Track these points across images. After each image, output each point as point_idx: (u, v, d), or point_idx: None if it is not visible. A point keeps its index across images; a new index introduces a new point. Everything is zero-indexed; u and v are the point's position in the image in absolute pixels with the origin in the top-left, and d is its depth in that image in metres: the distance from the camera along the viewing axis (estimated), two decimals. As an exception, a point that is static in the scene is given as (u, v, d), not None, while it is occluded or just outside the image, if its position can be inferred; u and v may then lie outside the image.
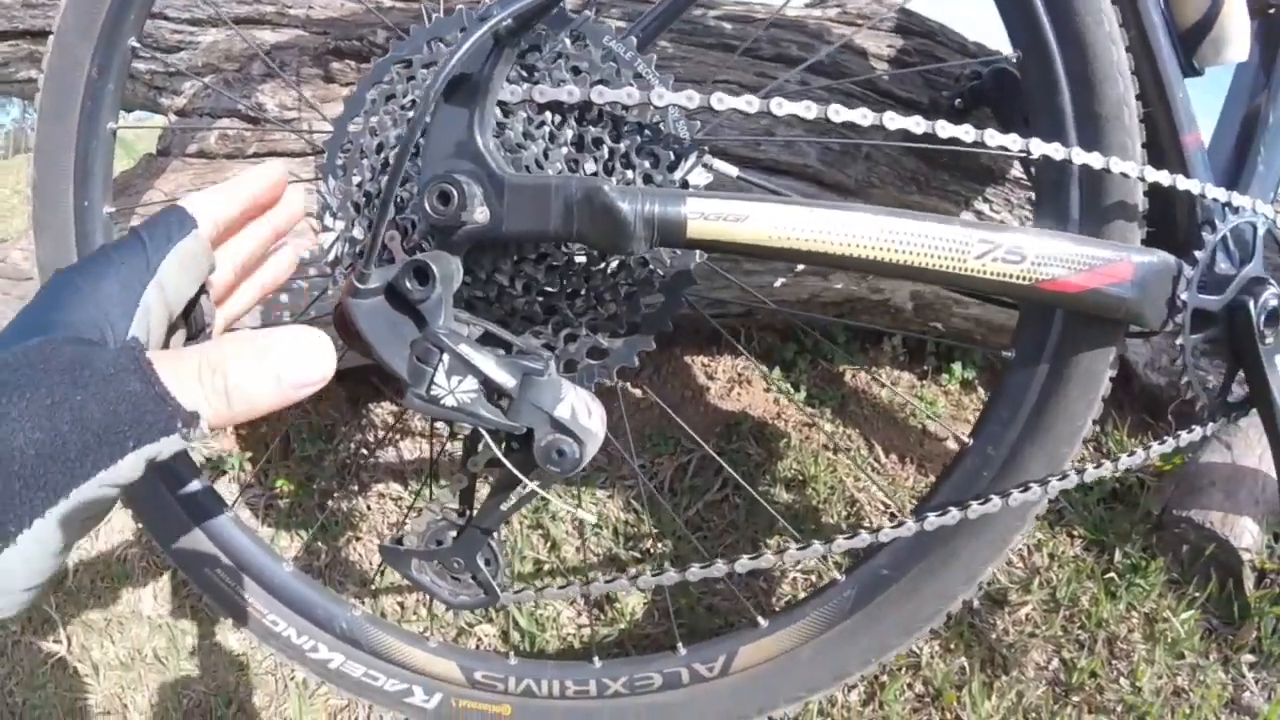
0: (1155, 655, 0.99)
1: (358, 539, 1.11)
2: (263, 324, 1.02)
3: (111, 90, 0.87)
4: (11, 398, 0.31)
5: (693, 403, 1.14)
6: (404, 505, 1.13)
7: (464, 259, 0.59)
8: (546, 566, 1.03)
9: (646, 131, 0.63)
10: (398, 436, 1.21)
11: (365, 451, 1.20)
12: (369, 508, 1.13)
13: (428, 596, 1.04)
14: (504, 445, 0.58)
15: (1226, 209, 0.79)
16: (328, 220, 0.69)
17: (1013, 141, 0.67)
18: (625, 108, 0.62)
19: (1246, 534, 1.03)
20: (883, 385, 1.18)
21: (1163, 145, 0.80)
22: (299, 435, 1.21)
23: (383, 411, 1.24)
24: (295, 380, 0.37)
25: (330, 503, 1.15)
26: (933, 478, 1.12)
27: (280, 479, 1.16)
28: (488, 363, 0.55)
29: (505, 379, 0.54)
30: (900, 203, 1.01)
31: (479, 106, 0.56)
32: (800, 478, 1.08)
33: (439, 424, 1.10)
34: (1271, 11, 0.90)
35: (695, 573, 0.76)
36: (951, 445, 1.16)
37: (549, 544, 1.05)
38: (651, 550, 1.03)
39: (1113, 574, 1.06)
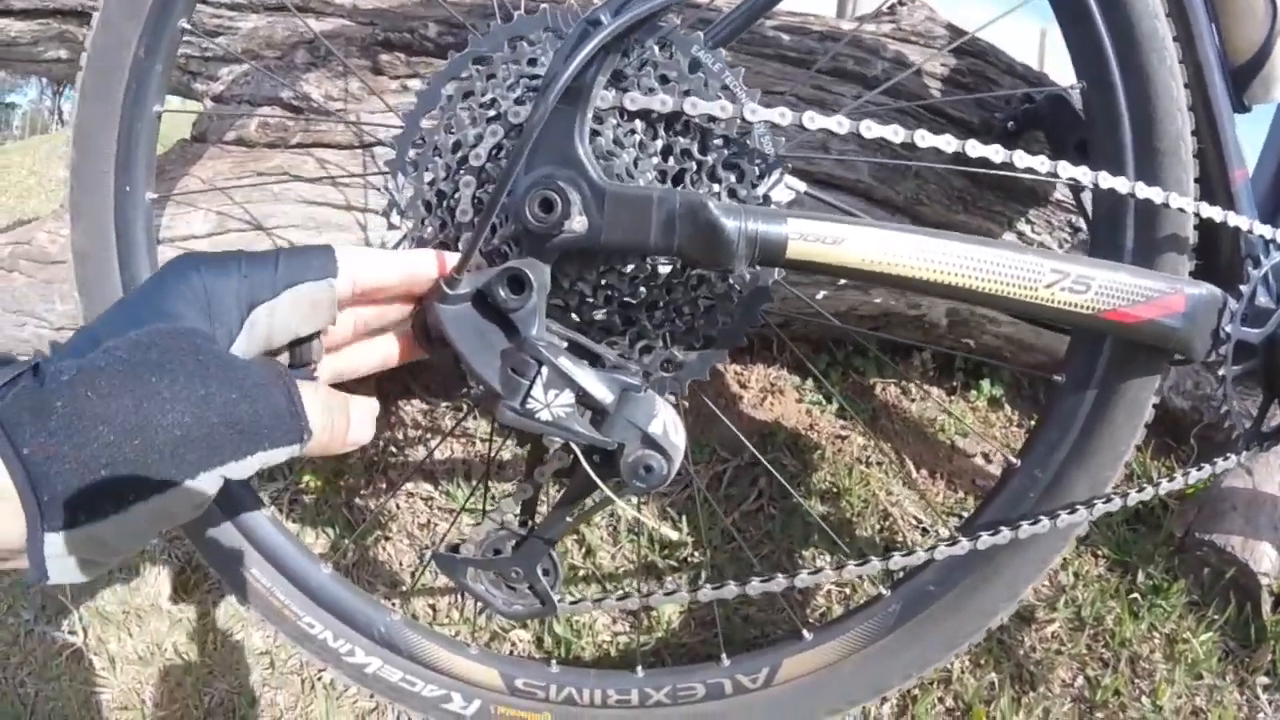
0: (1175, 675, 1.01)
1: (386, 538, 1.10)
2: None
3: (159, 72, 0.85)
4: (162, 378, 0.34)
5: (727, 411, 1.14)
6: (434, 505, 1.12)
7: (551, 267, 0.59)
8: (582, 572, 1.03)
9: (733, 145, 0.63)
10: (428, 435, 1.20)
11: (394, 449, 1.18)
12: (398, 507, 1.12)
13: (462, 600, 1.04)
14: (588, 459, 0.58)
15: (1270, 245, 0.80)
16: (394, 219, 0.68)
17: (1083, 174, 0.68)
18: (715, 120, 0.62)
19: (1266, 559, 1.05)
20: (913, 400, 1.19)
21: (1212, 180, 0.81)
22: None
23: (412, 409, 1.22)
24: (363, 439, 0.44)
25: (358, 500, 1.14)
26: (962, 493, 1.13)
27: (307, 475, 1.14)
28: (588, 377, 0.54)
29: (604, 394, 0.54)
30: (948, 221, 1.01)
31: (581, 112, 0.55)
32: (835, 490, 1.09)
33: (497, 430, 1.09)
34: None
35: (756, 586, 0.75)
36: (980, 462, 1.17)
37: (584, 549, 1.05)
38: (688, 559, 1.03)
39: (1136, 594, 1.07)
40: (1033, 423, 1.20)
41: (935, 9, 1.03)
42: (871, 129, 0.62)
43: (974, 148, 0.64)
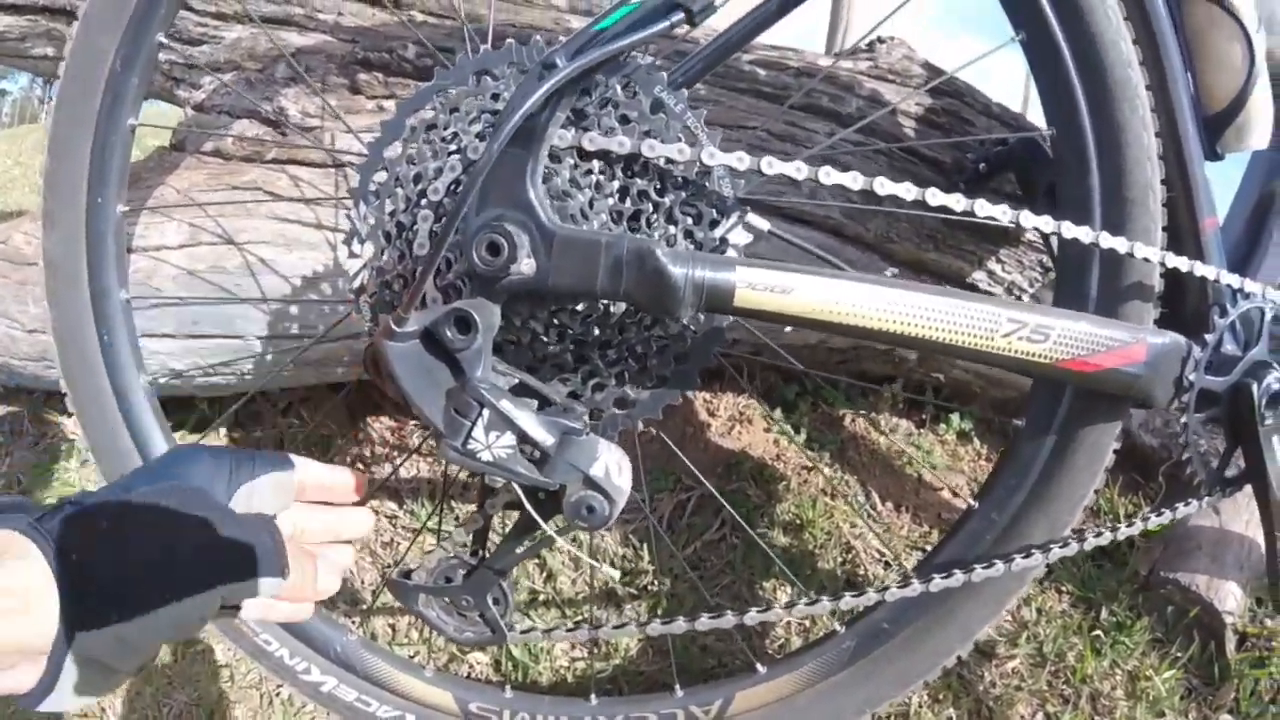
0: (1137, 713, 1.01)
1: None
2: (270, 348, 1.00)
3: (135, 85, 0.85)
4: (182, 516, 0.44)
5: (694, 439, 1.14)
6: (399, 525, 1.11)
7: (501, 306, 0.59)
8: (542, 597, 1.03)
9: (691, 187, 0.63)
10: (394, 453, 1.20)
11: (361, 466, 1.18)
12: (363, 523, 1.12)
13: (421, 621, 1.04)
14: (531, 497, 0.59)
15: (1238, 294, 0.81)
16: (355, 246, 0.68)
17: (1045, 223, 0.68)
18: (673, 163, 0.62)
19: (1230, 598, 1.06)
20: (881, 433, 1.19)
21: (1181, 228, 0.81)
22: (294, 445, 1.19)
23: (380, 427, 1.22)
24: (329, 590, 0.52)
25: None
26: (927, 527, 1.14)
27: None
28: (529, 420, 0.55)
29: (544, 437, 0.54)
30: (918, 259, 1.02)
31: (534, 155, 0.56)
32: (798, 522, 1.09)
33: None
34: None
35: (705, 623, 0.76)
36: (947, 495, 1.17)
37: (545, 574, 1.05)
38: (649, 587, 1.03)
39: (1099, 631, 1.08)
40: (992, 464, 1.20)
41: (913, 48, 1.04)
42: (830, 175, 0.62)
43: (934, 196, 0.64)
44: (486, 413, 0.54)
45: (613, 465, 0.57)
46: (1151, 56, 0.77)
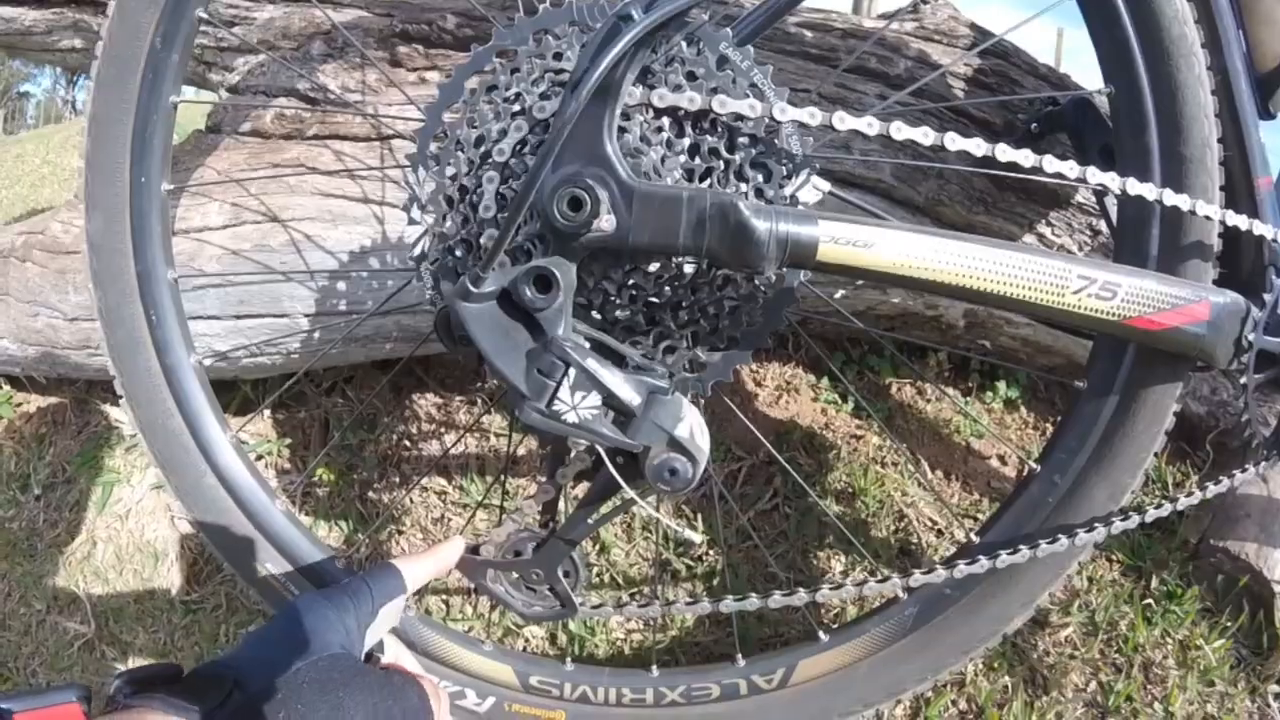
0: (1188, 682, 1.00)
1: (400, 532, 1.10)
2: (317, 326, 1.00)
3: (175, 62, 0.84)
4: (343, 692, 0.48)
5: (743, 409, 1.13)
6: (448, 500, 1.11)
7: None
8: (596, 570, 1.03)
9: (761, 144, 0.62)
10: (442, 430, 1.20)
11: (408, 443, 1.18)
12: (411, 501, 1.11)
13: (476, 595, 1.04)
14: (613, 460, 0.58)
15: None
16: (415, 213, 0.67)
17: (1110, 179, 0.67)
18: (742, 119, 0.61)
19: (1279, 566, 1.05)
20: (929, 400, 1.18)
21: (1236, 188, 0.80)
22: (339, 423, 1.19)
23: (426, 403, 1.22)
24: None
25: (371, 494, 1.13)
26: (977, 495, 1.13)
27: (320, 467, 1.14)
28: (615, 379, 0.54)
29: (631, 396, 0.53)
30: (968, 222, 1.00)
31: (610, 110, 0.55)
32: (850, 490, 1.08)
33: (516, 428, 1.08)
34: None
35: (778, 599, 0.75)
36: (995, 464, 1.16)
37: (598, 547, 1.04)
38: (703, 557, 1.03)
39: (1150, 600, 1.07)
40: (1050, 427, 1.19)
41: (958, 8, 1.02)
42: (902, 130, 0.61)
43: (1004, 152, 0.63)
44: (572, 372, 0.53)
45: (695, 426, 0.56)
46: (1204, 14, 0.76)
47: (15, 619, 1.13)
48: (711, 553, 1.03)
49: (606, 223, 0.54)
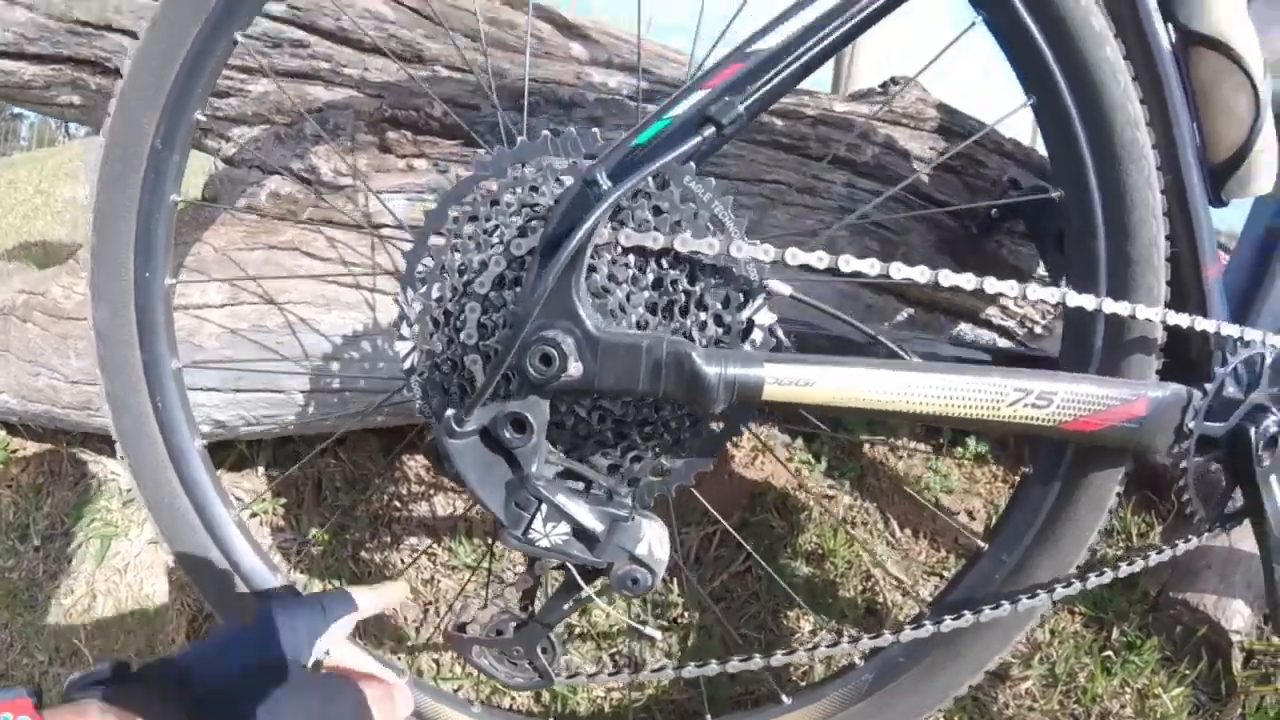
0: (1156, 732, 1.06)
1: (391, 590, 1.15)
2: (312, 401, 1.05)
3: (176, 161, 0.88)
4: (283, 692, 0.54)
5: (718, 472, 1.18)
6: (438, 561, 1.16)
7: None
8: (577, 630, 1.08)
9: (719, 274, 0.67)
10: (431, 491, 1.25)
11: (398, 504, 1.23)
12: (402, 561, 1.17)
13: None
14: (581, 570, 0.63)
15: (1238, 341, 0.83)
16: (404, 330, 0.72)
17: (1050, 294, 0.72)
18: (701, 255, 0.66)
19: (1238, 616, 1.10)
20: (899, 458, 1.23)
21: (1184, 278, 0.82)
22: (331, 484, 1.24)
23: (416, 465, 1.27)
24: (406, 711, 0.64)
25: (363, 554, 1.18)
26: (944, 552, 1.18)
27: (314, 528, 1.19)
28: (582, 512, 0.59)
29: (595, 525, 0.59)
30: (930, 299, 1.05)
31: (578, 268, 0.60)
32: (819, 551, 1.14)
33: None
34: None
35: (735, 665, 0.80)
36: (964, 519, 1.21)
37: (580, 610, 1.09)
38: (679, 619, 1.08)
39: (1109, 651, 1.12)
40: (1008, 487, 1.24)
41: (926, 89, 1.06)
42: (849, 263, 0.66)
43: (946, 277, 0.68)
44: (545, 506, 0.58)
45: (655, 541, 0.61)
46: (1157, 107, 0.78)
47: (18, 669, 1.18)
48: (686, 614, 1.08)
49: (574, 369, 0.59)
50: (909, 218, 1.02)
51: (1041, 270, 1.09)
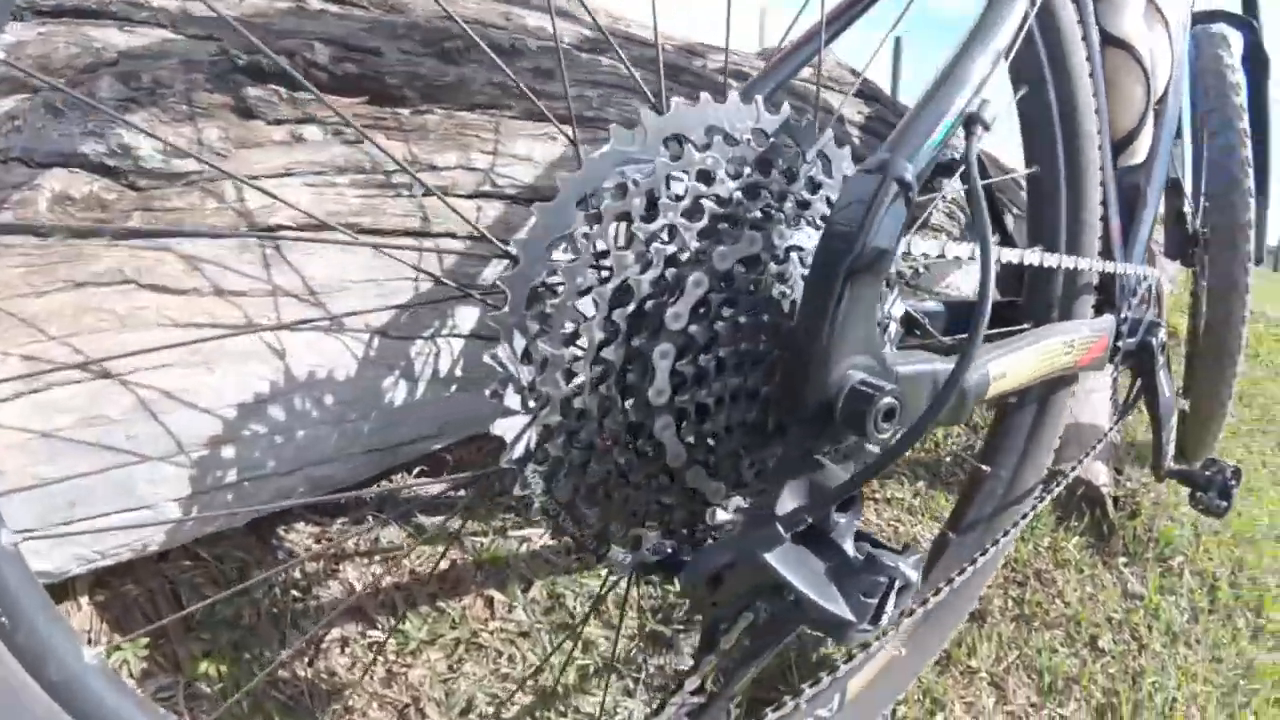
0: (1068, 575, 1.25)
1: (349, 711, 0.86)
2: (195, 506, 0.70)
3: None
4: None
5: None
6: (388, 651, 0.90)
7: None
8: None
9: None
10: (335, 565, 0.95)
11: (298, 593, 0.92)
12: (336, 668, 0.88)
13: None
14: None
15: (1137, 277, 0.99)
16: (510, 398, 0.49)
17: (1029, 256, 0.78)
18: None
19: (1101, 473, 1.34)
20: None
21: (1106, 232, 0.96)
22: (195, 592, 0.88)
23: (299, 537, 0.96)
24: None
25: (283, 673, 0.87)
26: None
27: (194, 657, 0.84)
28: (915, 572, 0.47)
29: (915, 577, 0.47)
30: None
31: (881, 287, 0.45)
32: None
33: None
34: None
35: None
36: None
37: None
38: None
39: (1019, 524, 1.29)
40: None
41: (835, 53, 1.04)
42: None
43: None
44: (897, 580, 0.45)
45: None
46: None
47: None
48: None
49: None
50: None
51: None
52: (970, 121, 0.49)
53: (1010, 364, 0.64)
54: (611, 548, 0.52)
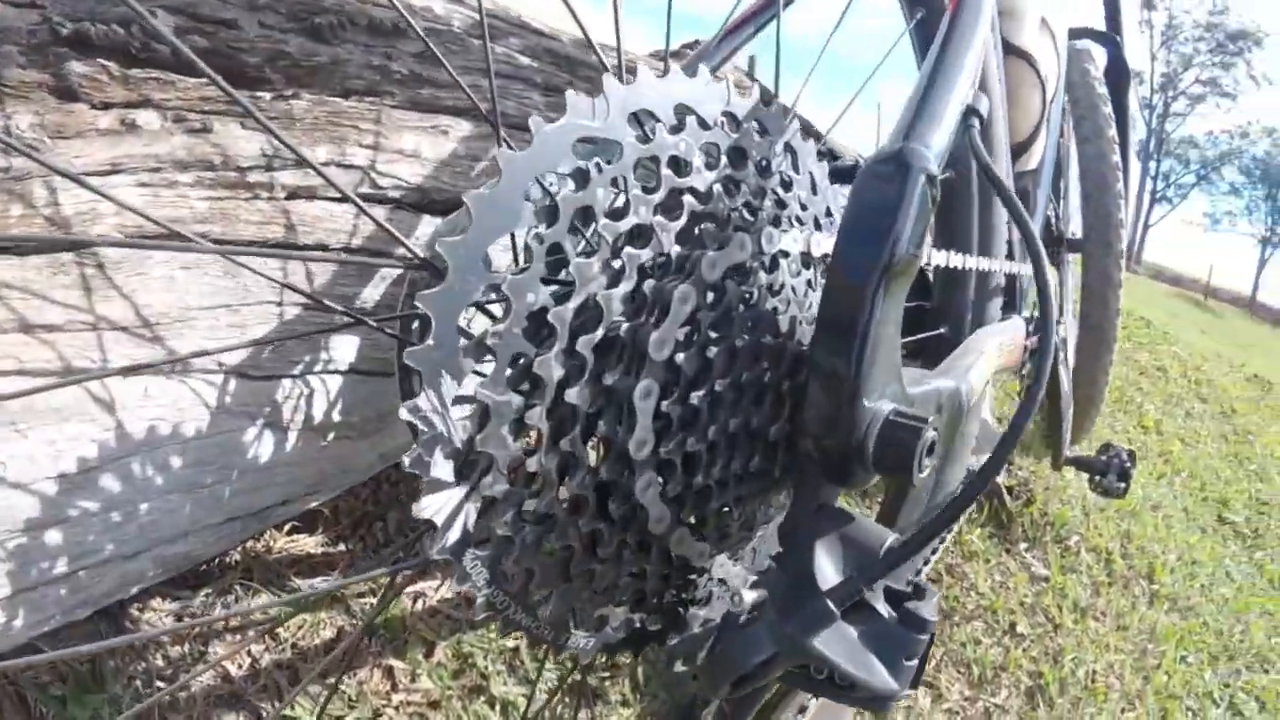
0: (977, 567, 1.27)
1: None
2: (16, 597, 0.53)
3: None
4: None
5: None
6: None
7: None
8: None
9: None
10: (200, 644, 0.79)
11: (162, 683, 0.75)
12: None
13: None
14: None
15: (1030, 278, 1.02)
16: (440, 464, 0.37)
17: (946, 258, 0.77)
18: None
19: (992, 437, 1.38)
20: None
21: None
22: (44, 693, 0.70)
23: (155, 615, 0.79)
24: None
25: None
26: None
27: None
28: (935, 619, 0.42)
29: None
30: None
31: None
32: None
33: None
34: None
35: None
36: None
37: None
38: None
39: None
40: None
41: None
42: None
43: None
44: (929, 637, 0.39)
45: None
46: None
47: None
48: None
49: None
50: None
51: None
52: (967, 113, 0.44)
53: (977, 374, 0.62)
54: (573, 634, 0.43)
